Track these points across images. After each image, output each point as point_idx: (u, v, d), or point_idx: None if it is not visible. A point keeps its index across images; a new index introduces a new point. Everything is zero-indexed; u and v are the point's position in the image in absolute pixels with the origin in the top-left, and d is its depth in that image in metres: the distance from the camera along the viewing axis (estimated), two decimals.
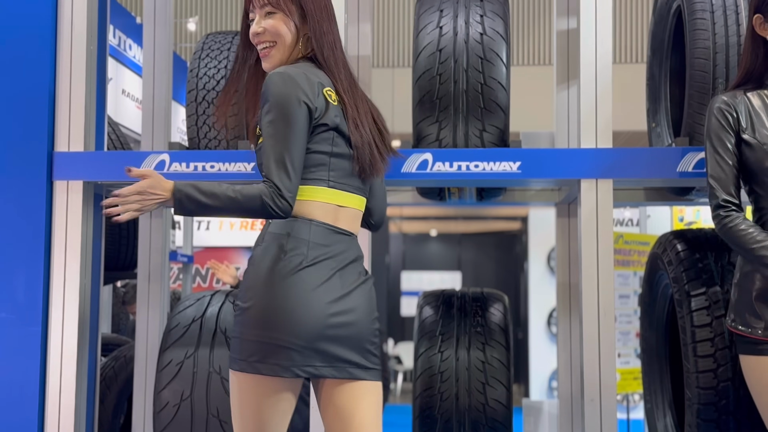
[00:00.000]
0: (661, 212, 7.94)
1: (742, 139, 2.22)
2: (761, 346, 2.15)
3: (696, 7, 2.70)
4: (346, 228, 2.02)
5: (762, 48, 2.27)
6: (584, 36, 2.70)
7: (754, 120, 2.22)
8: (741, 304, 2.22)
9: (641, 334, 3.26)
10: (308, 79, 1.95)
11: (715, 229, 2.23)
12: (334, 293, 1.92)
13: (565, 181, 2.81)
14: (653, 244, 3.04)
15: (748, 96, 2.26)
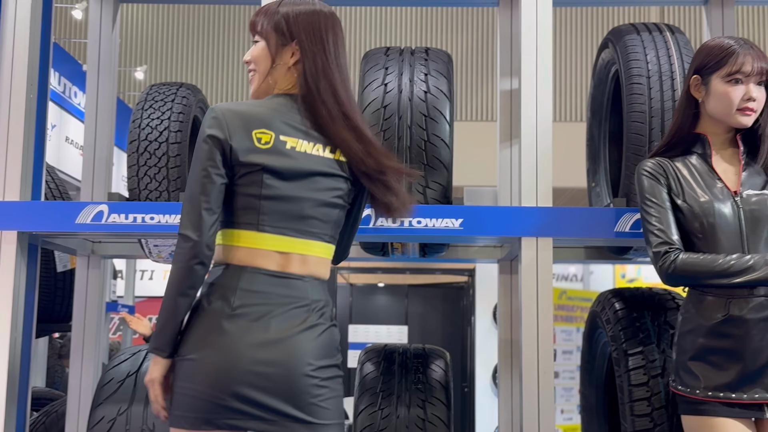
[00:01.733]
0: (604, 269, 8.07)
1: (673, 201, 2.27)
2: (701, 405, 2.17)
3: (633, 72, 2.78)
4: (297, 272, 1.93)
5: (693, 109, 2.33)
6: (525, 96, 2.76)
7: (683, 185, 2.27)
8: (679, 364, 2.25)
9: (581, 391, 3.27)
10: (237, 117, 1.91)
11: (667, 273, 2.20)
12: (262, 339, 1.83)
13: (507, 238, 2.84)
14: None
15: (674, 163, 2.31)
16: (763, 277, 2.11)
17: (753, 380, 2.13)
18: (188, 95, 3.08)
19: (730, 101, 2.23)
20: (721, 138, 2.31)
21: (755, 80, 2.23)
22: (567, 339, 6.29)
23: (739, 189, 2.24)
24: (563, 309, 6.30)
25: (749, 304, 2.15)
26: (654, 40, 2.84)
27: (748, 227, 2.20)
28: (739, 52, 2.22)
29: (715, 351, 2.17)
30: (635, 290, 2.93)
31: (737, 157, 2.30)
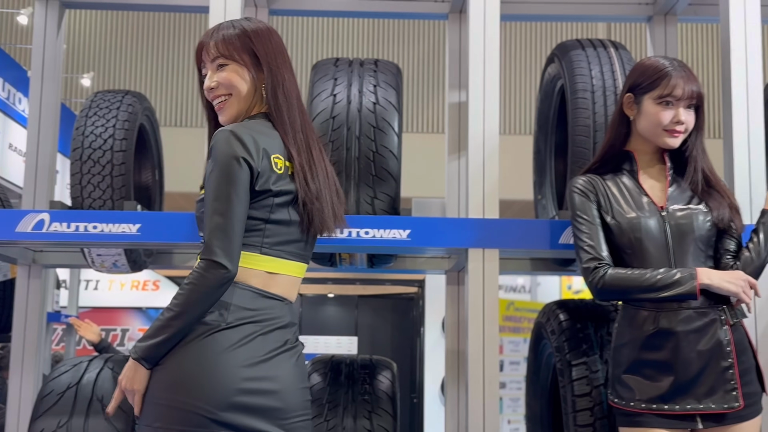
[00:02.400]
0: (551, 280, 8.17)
1: (603, 218, 2.31)
2: (636, 417, 2.21)
3: (578, 87, 2.83)
4: (279, 293, 1.94)
5: (625, 127, 2.37)
6: (473, 109, 2.79)
7: (612, 201, 2.31)
8: (615, 377, 2.29)
9: (527, 402, 3.30)
10: (254, 141, 1.89)
11: (597, 288, 2.24)
12: (252, 357, 1.83)
13: (454, 249, 2.86)
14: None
15: (605, 180, 2.36)
16: (688, 291, 2.16)
17: (685, 391, 2.18)
18: (134, 103, 3.04)
19: (659, 122, 2.28)
20: (649, 155, 2.37)
21: (685, 104, 2.28)
22: (514, 350, 6.35)
23: (666, 204, 2.29)
24: (511, 320, 6.36)
25: (678, 317, 2.19)
26: (598, 55, 2.89)
27: (675, 241, 2.25)
28: (671, 75, 2.27)
29: (648, 363, 2.21)
30: (579, 302, 2.97)
31: (664, 173, 2.35)
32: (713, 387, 2.17)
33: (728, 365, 2.18)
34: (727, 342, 2.19)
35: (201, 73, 2.07)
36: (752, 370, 2.23)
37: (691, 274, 2.17)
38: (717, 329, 2.19)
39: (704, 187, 2.32)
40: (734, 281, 2.18)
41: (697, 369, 2.17)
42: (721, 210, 2.27)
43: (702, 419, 2.18)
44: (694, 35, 8.84)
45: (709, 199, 2.30)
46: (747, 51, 2.77)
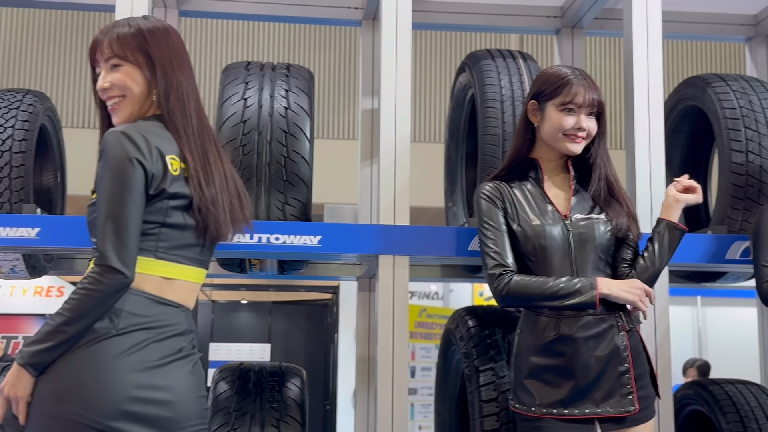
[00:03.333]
0: (463, 287, 8.26)
1: (509, 225, 2.34)
2: (537, 423, 2.25)
3: (488, 96, 2.87)
4: (175, 300, 1.88)
5: (530, 133, 2.41)
6: (384, 116, 2.80)
7: (518, 208, 2.35)
8: (516, 382, 2.32)
9: (436, 407, 3.33)
10: (147, 142, 1.83)
11: (501, 294, 2.27)
12: (143, 363, 1.76)
13: (365, 256, 2.86)
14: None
15: (511, 187, 2.39)
16: (588, 301, 2.20)
17: (584, 396, 2.22)
18: (35, 102, 2.93)
19: (560, 128, 2.32)
20: (554, 163, 2.41)
21: (587, 111, 2.33)
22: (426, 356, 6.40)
23: (569, 213, 2.34)
24: (423, 326, 6.41)
25: (578, 323, 2.24)
26: (508, 66, 2.94)
27: (577, 250, 2.30)
28: (573, 83, 2.32)
29: (548, 369, 2.25)
30: (488, 308, 3.01)
31: (568, 182, 2.40)
32: (610, 391, 2.22)
33: (625, 370, 2.23)
34: (624, 347, 2.24)
35: (95, 71, 2.00)
36: (646, 374, 2.30)
37: (591, 284, 2.21)
38: (614, 335, 2.25)
39: (606, 195, 2.37)
40: (631, 290, 2.23)
41: (595, 374, 2.22)
42: (620, 219, 2.33)
43: (600, 423, 2.22)
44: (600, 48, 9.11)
45: (609, 208, 2.35)
46: (649, 64, 2.87)
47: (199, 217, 1.91)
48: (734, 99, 2.95)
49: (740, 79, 3.04)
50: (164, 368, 1.80)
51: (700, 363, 6.96)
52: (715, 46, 9.50)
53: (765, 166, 2.86)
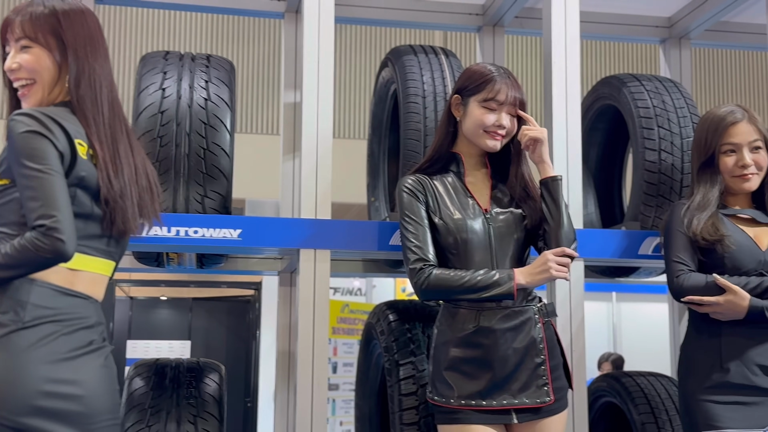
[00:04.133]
0: (386, 283, 8.29)
1: (430, 218, 2.36)
2: (455, 414, 2.27)
3: (410, 92, 2.88)
4: (83, 291, 1.82)
5: (452, 127, 2.44)
6: (306, 109, 2.78)
7: (439, 202, 2.37)
8: (435, 375, 2.34)
9: (356, 402, 3.32)
10: (54, 122, 1.76)
11: (421, 288, 2.28)
12: (52, 356, 1.71)
13: (286, 250, 2.84)
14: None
15: (433, 180, 2.42)
16: (506, 292, 2.23)
17: (501, 387, 2.26)
18: None
19: (481, 124, 2.36)
20: (475, 158, 2.44)
21: (508, 109, 2.37)
22: (348, 351, 6.39)
23: (489, 207, 2.38)
24: (345, 322, 6.40)
25: (497, 315, 2.28)
26: (430, 62, 2.96)
27: (497, 243, 2.34)
28: (497, 80, 2.36)
29: (467, 361, 2.28)
30: (409, 302, 3.02)
31: (488, 177, 2.44)
32: (527, 383, 2.26)
33: (541, 362, 2.28)
34: (540, 339, 2.29)
35: (4, 50, 1.92)
36: (560, 366, 2.35)
37: (509, 275, 2.24)
38: (531, 327, 2.30)
39: (521, 191, 2.42)
40: (543, 268, 2.25)
41: (512, 365, 2.26)
42: (535, 215, 2.38)
43: (516, 413, 2.26)
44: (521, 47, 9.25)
45: (525, 204, 2.40)
46: (567, 63, 2.92)
47: (106, 209, 1.86)
48: (648, 99, 3.04)
49: (654, 80, 3.13)
50: (74, 361, 1.75)
51: (615, 357, 7.15)
52: (631, 47, 9.77)
53: (677, 165, 2.95)
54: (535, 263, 2.29)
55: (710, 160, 2.53)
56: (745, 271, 2.42)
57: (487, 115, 2.35)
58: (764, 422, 2.35)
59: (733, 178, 2.51)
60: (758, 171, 2.51)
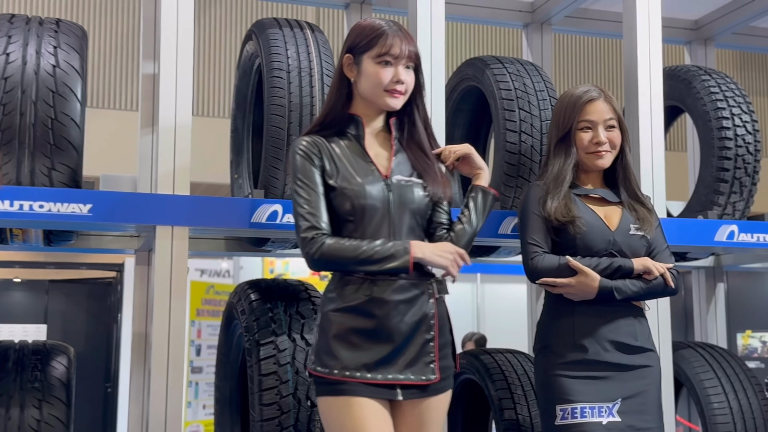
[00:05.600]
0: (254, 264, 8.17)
1: (326, 182, 2.25)
2: (338, 386, 2.17)
3: (274, 66, 2.81)
4: None
5: (346, 88, 2.32)
6: (164, 81, 2.67)
7: (337, 166, 2.25)
8: (320, 345, 2.23)
9: (216, 384, 3.24)
10: None
11: (313, 259, 2.19)
12: None
13: (142, 227, 2.72)
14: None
15: (329, 143, 2.29)
16: (402, 265, 2.16)
17: (389, 361, 2.18)
18: None
19: (379, 81, 2.25)
20: (375, 120, 2.34)
21: (404, 63, 2.27)
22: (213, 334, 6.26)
23: (390, 174, 2.28)
24: (210, 303, 6.27)
25: (392, 286, 2.19)
26: (295, 36, 2.89)
27: (396, 212, 2.25)
28: (388, 34, 2.25)
29: (357, 331, 2.18)
30: (271, 281, 2.97)
31: (389, 142, 2.34)
32: (414, 358, 2.20)
33: (430, 338, 2.22)
34: (432, 315, 2.23)
35: None
36: (449, 345, 2.29)
37: (405, 248, 2.17)
38: (424, 302, 2.23)
39: (424, 162, 2.34)
40: (444, 254, 2.21)
41: (402, 340, 2.19)
42: (435, 185, 2.31)
43: (401, 390, 2.20)
44: None
45: (426, 174, 2.32)
46: (432, 44, 2.93)
47: None
48: (510, 81, 3.08)
49: (516, 62, 3.19)
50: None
51: (478, 336, 7.33)
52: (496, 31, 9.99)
53: (536, 147, 3.01)
54: (439, 245, 2.24)
55: (566, 136, 2.58)
56: (595, 251, 2.50)
57: (383, 72, 2.25)
58: (615, 395, 2.44)
59: (587, 155, 2.57)
60: (611, 149, 2.58)
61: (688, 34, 4.31)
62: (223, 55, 9.18)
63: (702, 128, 3.40)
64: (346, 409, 2.16)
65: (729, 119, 3.31)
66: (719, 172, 3.30)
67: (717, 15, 4.17)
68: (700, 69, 3.53)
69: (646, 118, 3.10)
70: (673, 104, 3.59)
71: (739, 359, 3.44)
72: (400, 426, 2.23)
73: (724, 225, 3.19)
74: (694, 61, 4.28)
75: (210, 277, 9.62)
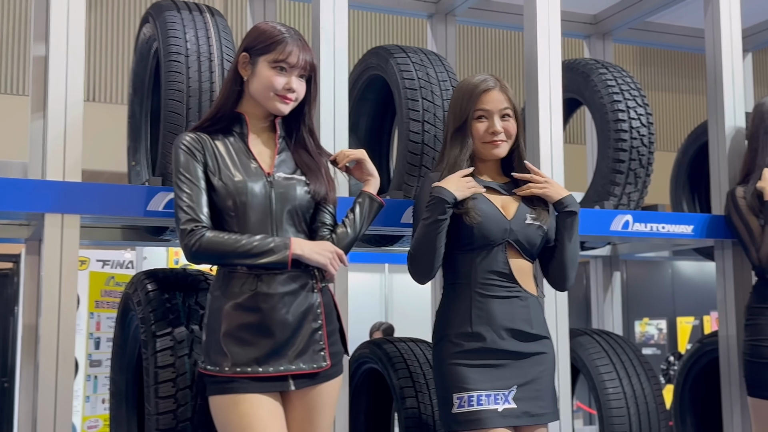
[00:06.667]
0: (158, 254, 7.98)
1: (209, 179, 2.27)
2: (228, 384, 2.20)
3: (171, 50, 2.73)
4: None
5: (239, 86, 2.35)
6: (54, 64, 2.56)
7: (219, 162, 2.28)
8: (209, 343, 2.25)
9: (111, 377, 3.14)
10: None
11: (192, 251, 2.19)
12: None
13: (32, 215, 2.61)
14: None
15: (214, 140, 2.32)
16: (280, 260, 2.21)
17: (279, 353, 2.22)
18: None
19: (271, 86, 2.29)
20: (260, 120, 2.38)
21: (298, 72, 2.32)
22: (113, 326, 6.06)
23: (273, 171, 2.32)
24: (111, 295, 6.09)
25: (276, 280, 2.24)
26: (194, 19, 2.82)
27: (277, 208, 2.29)
28: (288, 41, 2.29)
29: (245, 327, 2.22)
30: (169, 271, 2.89)
31: (274, 140, 2.38)
32: (304, 348, 2.25)
33: (318, 327, 2.28)
34: (318, 304, 2.29)
35: None
36: (337, 331, 2.37)
37: (285, 243, 2.21)
38: (309, 292, 2.28)
39: (308, 159, 2.38)
40: (323, 253, 2.27)
41: (290, 331, 2.23)
42: (318, 184, 2.35)
43: (293, 380, 2.25)
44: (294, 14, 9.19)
45: (310, 172, 2.36)
46: (335, 32, 2.90)
47: None
48: (414, 71, 3.09)
49: (420, 52, 3.19)
50: None
51: (386, 326, 7.36)
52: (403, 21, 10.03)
53: (439, 136, 3.02)
54: (319, 244, 2.29)
55: (463, 126, 2.60)
56: (492, 240, 2.52)
57: (277, 78, 2.29)
58: (510, 382, 2.48)
59: (483, 144, 2.59)
60: (507, 138, 2.61)
61: (587, 28, 4.40)
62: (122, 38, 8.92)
63: (599, 120, 3.48)
64: (235, 407, 2.18)
65: (625, 112, 3.40)
66: (615, 164, 3.39)
67: (614, 10, 4.28)
68: (597, 62, 3.61)
69: (545, 110, 3.15)
70: (572, 97, 3.67)
71: (633, 345, 3.55)
72: (292, 414, 2.27)
73: (619, 215, 3.28)
74: (593, 55, 4.39)
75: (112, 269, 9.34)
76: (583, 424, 7.20)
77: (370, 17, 9.84)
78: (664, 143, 10.37)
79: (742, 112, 3.58)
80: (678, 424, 4.09)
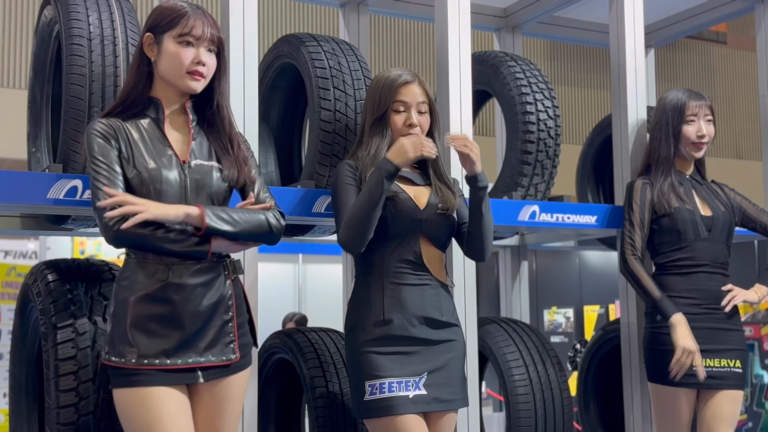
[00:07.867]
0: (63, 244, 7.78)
1: (123, 165, 2.21)
2: (134, 376, 2.15)
3: (73, 33, 2.65)
4: None
5: (146, 67, 2.30)
6: None
7: (133, 149, 2.23)
8: (114, 334, 2.19)
9: (11, 370, 3.04)
10: None
11: (112, 233, 2.11)
12: None
13: None
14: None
15: (126, 125, 2.26)
16: (201, 249, 2.18)
17: (189, 345, 2.19)
18: None
19: (180, 62, 2.24)
20: (175, 103, 2.32)
21: (206, 45, 2.27)
22: None
23: (188, 158, 2.28)
24: (12, 286, 5.88)
25: (189, 270, 2.20)
26: (98, 2, 2.73)
27: (192, 196, 2.24)
28: (190, 15, 2.25)
29: (154, 318, 2.17)
30: (71, 261, 2.80)
31: (187, 126, 2.33)
32: (214, 340, 2.23)
33: (229, 318, 2.26)
34: (230, 296, 2.27)
35: None
36: (246, 323, 2.35)
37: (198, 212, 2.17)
38: (221, 283, 2.26)
39: (221, 144, 2.33)
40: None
41: (201, 323, 2.20)
42: (231, 169, 2.32)
43: (202, 372, 2.22)
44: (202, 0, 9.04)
45: (222, 157, 2.33)
46: (244, 18, 2.85)
47: None
48: (325, 59, 3.07)
49: (332, 41, 3.18)
50: None
51: (299, 317, 7.33)
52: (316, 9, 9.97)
53: (351, 126, 3.02)
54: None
55: (382, 117, 2.63)
56: (405, 229, 2.55)
57: (184, 52, 2.24)
58: (421, 369, 2.51)
59: (401, 136, 2.62)
60: (421, 132, 2.64)
61: (497, 21, 4.47)
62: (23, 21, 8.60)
63: (508, 112, 3.54)
64: (141, 400, 2.14)
65: (533, 104, 3.47)
66: (523, 155, 3.46)
67: (524, 4, 4.36)
68: (507, 55, 3.67)
69: (455, 101, 3.19)
70: (482, 89, 3.73)
71: (539, 333, 3.64)
72: (200, 407, 2.25)
73: (526, 205, 3.35)
74: (503, 48, 4.46)
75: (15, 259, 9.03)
76: (492, 411, 7.35)
77: (282, 5, 9.76)
78: (571, 136, 10.64)
79: (644, 106, 3.70)
80: (582, 409, 4.21)
